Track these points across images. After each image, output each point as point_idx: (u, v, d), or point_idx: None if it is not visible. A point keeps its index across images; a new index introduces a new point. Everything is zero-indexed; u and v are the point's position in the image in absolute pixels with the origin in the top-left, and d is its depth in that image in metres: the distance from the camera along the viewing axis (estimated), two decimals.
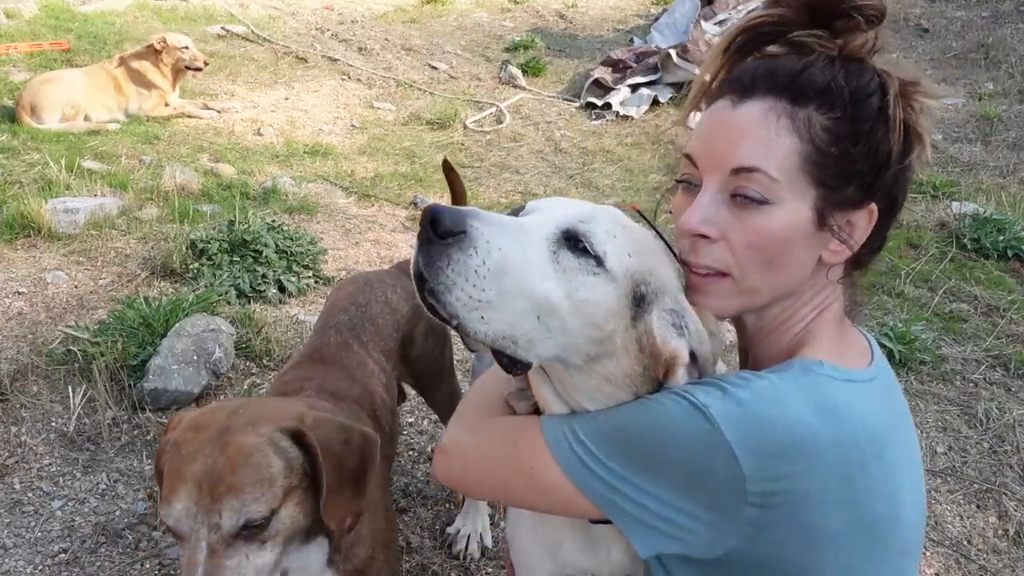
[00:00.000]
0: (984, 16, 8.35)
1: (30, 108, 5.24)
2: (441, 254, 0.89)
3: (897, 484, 0.96)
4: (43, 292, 3.24)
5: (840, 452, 0.90)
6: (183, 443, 1.15)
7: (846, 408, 0.93)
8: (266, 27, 7.97)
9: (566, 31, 9.13)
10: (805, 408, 0.90)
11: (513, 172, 5.57)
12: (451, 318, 0.90)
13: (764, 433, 0.89)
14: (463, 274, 0.88)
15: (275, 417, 1.20)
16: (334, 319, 1.83)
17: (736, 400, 0.91)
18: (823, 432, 0.90)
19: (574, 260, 0.95)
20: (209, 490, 1.10)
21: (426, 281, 0.91)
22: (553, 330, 0.93)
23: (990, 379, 3.11)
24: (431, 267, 0.89)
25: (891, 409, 1.03)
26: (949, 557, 2.26)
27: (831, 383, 0.95)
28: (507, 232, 0.91)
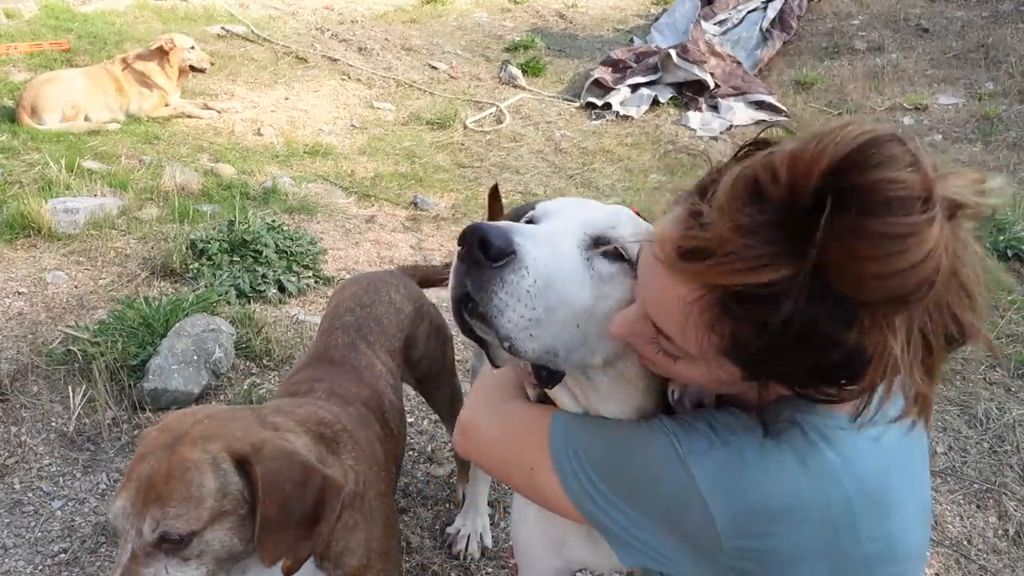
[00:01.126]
0: (984, 16, 8.35)
1: (30, 108, 5.24)
2: (494, 278, 0.86)
3: (893, 525, 0.93)
4: (43, 292, 3.24)
5: (828, 515, 0.88)
6: (145, 441, 1.17)
7: (839, 467, 0.89)
8: (266, 27, 7.97)
9: (566, 31, 9.13)
10: (793, 471, 0.88)
11: (513, 172, 5.57)
12: (503, 340, 0.89)
13: (745, 496, 0.88)
14: (516, 295, 0.87)
15: (229, 437, 1.17)
16: (340, 320, 1.83)
17: (720, 458, 0.90)
18: (810, 498, 0.88)
19: (609, 265, 0.96)
20: (143, 495, 1.10)
21: (470, 303, 0.89)
22: (589, 336, 0.94)
23: (990, 379, 3.11)
24: (483, 291, 0.87)
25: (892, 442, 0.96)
26: (949, 557, 2.26)
27: (829, 434, 0.91)
28: (546, 245, 0.90)
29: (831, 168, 0.72)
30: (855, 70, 7.39)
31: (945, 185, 0.76)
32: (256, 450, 1.17)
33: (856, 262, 0.72)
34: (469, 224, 0.87)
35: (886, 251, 0.71)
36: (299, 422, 1.35)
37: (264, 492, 1.14)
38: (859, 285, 0.73)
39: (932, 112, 6.60)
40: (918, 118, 6.51)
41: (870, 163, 0.72)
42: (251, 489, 1.15)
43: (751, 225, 0.76)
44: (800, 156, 0.74)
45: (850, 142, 0.73)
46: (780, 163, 0.75)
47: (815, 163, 0.73)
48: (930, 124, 6.41)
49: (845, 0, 9.05)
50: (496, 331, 0.88)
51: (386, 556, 1.45)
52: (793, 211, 0.75)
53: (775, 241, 0.75)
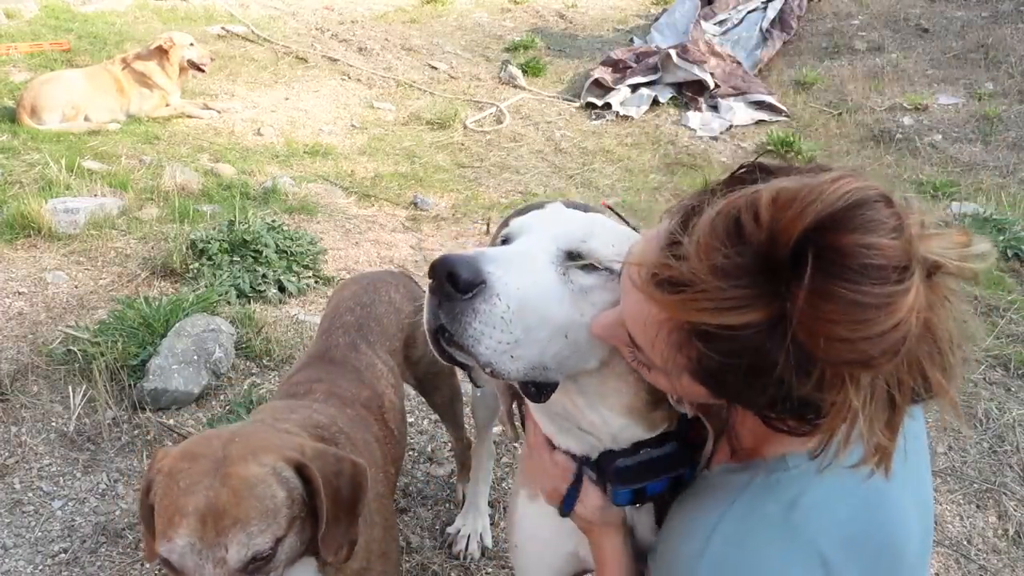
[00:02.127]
0: (984, 16, 8.35)
1: (31, 108, 5.24)
2: (466, 309, 0.88)
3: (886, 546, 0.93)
4: (43, 292, 3.24)
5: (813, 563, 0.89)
6: (179, 475, 1.10)
7: (816, 517, 0.91)
8: (266, 27, 7.97)
9: (566, 31, 9.13)
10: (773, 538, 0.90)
11: (513, 172, 5.57)
12: (484, 366, 0.91)
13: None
14: (491, 323, 0.88)
15: (275, 447, 1.17)
16: (340, 319, 1.83)
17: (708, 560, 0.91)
18: (793, 556, 0.89)
19: (586, 277, 0.97)
20: (213, 524, 1.06)
21: (446, 333, 0.91)
22: (580, 344, 0.96)
23: (990, 379, 3.10)
24: (457, 323, 0.89)
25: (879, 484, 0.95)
26: (949, 557, 2.26)
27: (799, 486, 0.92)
28: (518, 268, 0.92)
29: (814, 224, 0.72)
30: (855, 70, 7.39)
31: (928, 246, 0.75)
32: (304, 454, 1.18)
33: (823, 323, 0.72)
34: (438, 257, 0.88)
35: (854, 318, 0.71)
36: (300, 428, 1.36)
37: (324, 491, 1.16)
38: (824, 345, 0.73)
39: (932, 112, 6.59)
40: (918, 118, 6.51)
41: (852, 225, 0.72)
42: (308, 490, 1.17)
43: (727, 267, 0.76)
44: (786, 204, 0.74)
45: (836, 200, 0.72)
46: (765, 207, 0.75)
47: (799, 216, 0.73)
48: (930, 124, 6.41)
49: (845, 0, 9.05)
50: (476, 359, 0.90)
51: (386, 557, 1.45)
52: (770, 259, 0.74)
53: (748, 286, 0.75)
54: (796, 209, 0.73)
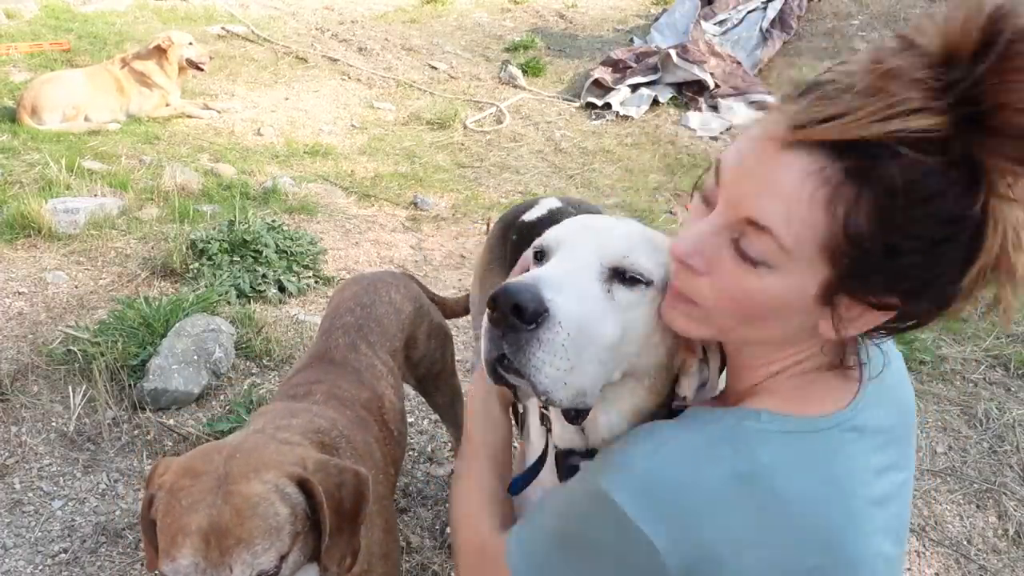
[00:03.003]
0: None
1: (31, 108, 5.24)
2: (531, 340, 0.88)
3: (843, 535, 0.89)
4: (43, 292, 3.24)
5: (754, 515, 0.87)
6: (180, 492, 1.09)
7: (775, 467, 0.88)
8: (266, 27, 7.97)
9: (566, 31, 9.13)
10: (721, 470, 0.88)
11: (513, 172, 5.57)
12: (540, 395, 0.90)
13: (669, 497, 0.88)
14: (552, 351, 0.88)
15: (278, 463, 1.17)
16: (340, 320, 1.83)
17: (639, 470, 0.91)
18: (735, 495, 0.87)
19: (629, 294, 0.97)
20: (217, 543, 1.05)
21: (504, 360, 0.91)
22: (613, 362, 0.96)
23: (990, 379, 3.11)
24: (521, 353, 0.89)
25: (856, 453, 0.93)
26: (949, 557, 2.26)
27: (763, 439, 0.90)
28: (570, 291, 0.91)
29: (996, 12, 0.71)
30: None
31: None
32: (305, 468, 1.18)
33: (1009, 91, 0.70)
34: (498, 287, 0.88)
35: None
36: (302, 434, 1.35)
37: (327, 504, 1.16)
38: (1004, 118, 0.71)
39: None
40: None
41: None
42: (311, 504, 1.16)
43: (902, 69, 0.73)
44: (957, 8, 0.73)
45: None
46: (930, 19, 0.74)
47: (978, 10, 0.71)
48: None
49: (845, 0, 9.05)
50: (534, 387, 0.90)
51: (386, 559, 1.45)
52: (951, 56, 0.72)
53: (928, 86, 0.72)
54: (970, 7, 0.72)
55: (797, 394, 0.95)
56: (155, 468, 1.17)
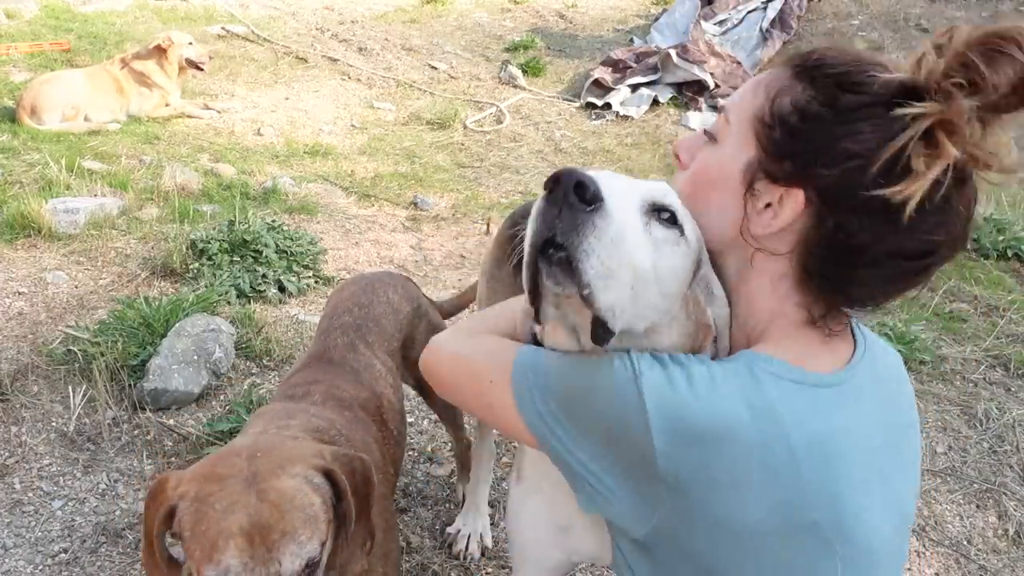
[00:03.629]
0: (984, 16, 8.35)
1: (30, 108, 5.24)
2: (587, 222, 0.87)
3: (844, 497, 0.92)
4: (43, 292, 3.24)
5: (764, 455, 0.88)
6: (210, 498, 1.09)
7: (782, 412, 0.90)
8: (266, 27, 7.97)
9: (566, 31, 9.13)
10: (737, 404, 0.90)
11: (513, 172, 5.57)
12: (583, 287, 0.89)
13: (684, 417, 0.90)
14: (603, 241, 0.88)
15: (302, 457, 1.19)
16: (339, 320, 1.83)
17: (670, 379, 0.92)
18: (748, 431, 0.89)
19: (663, 231, 0.98)
20: (262, 540, 1.06)
21: (553, 246, 0.89)
22: (639, 299, 0.94)
23: (990, 379, 3.11)
24: (574, 232, 0.87)
25: (855, 418, 0.97)
26: (949, 557, 2.26)
27: (774, 382, 0.93)
28: (618, 202, 0.92)
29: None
30: None
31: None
32: (325, 459, 1.21)
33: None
34: (559, 169, 0.89)
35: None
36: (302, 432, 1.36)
37: (350, 492, 1.19)
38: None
39: None
40: None
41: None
42: (334, 493, 1.19)
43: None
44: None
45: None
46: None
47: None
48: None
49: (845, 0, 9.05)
50: (580, 276, 0.88)
51: (387, 558, 1.46)
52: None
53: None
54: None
55: (801, 346, 0.99)
56: (163, 483, 1.15)
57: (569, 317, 1.00)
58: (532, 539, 1.32)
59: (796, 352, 0.98)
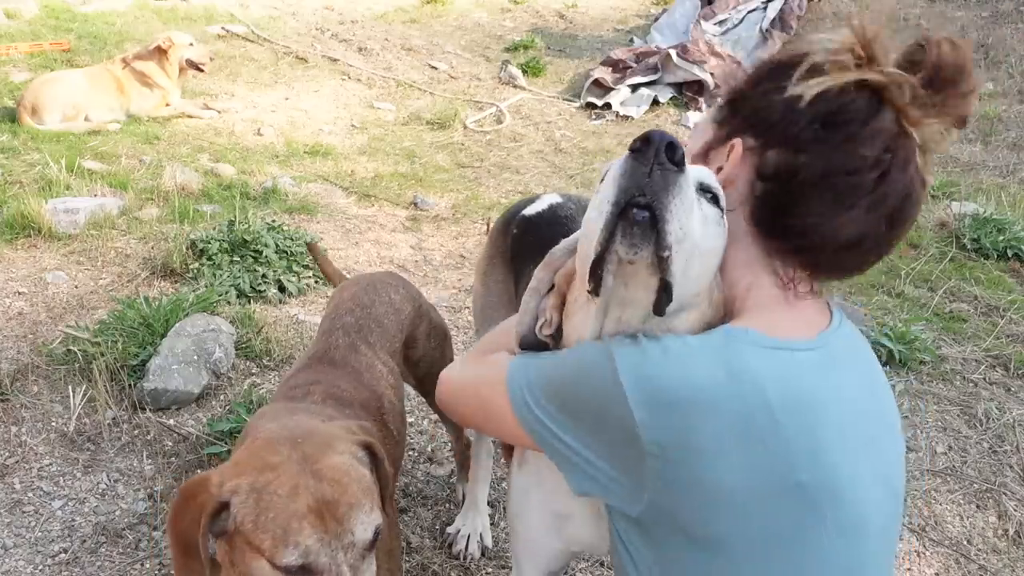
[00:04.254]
0: (984, 16, 8.35)
1: (31, 108, 5.24)
2: (675, 182, 0.88)
3: (829, 457, 0.93)
4: (43, 292, 3.24)
5: (744, 415, 0.90)
6: (269, 487, 1.10)
7: (760, 373, 0.92)
8: (266, 27, 7.97)
9: (566, 31, 9.13)
10: (713, 369, 0.92)
11: (513, 172, 5.57)
12: (663, 249, 0.89)
13: (660, 385, 0.91)
14: (683, 205, 0.89)
15: (343, 435, 1.23)
16: (340, 320, 1.83)
17: (643, 351, 0.94)
18: (725, 392, 0.90)
19: (711, 209, 0.99)
20: (332, 515, 1.09)
21: (636, 206, 0.89)
22: (688, 273, 0.95)
23: (990, 379, 3.11)
24: (665, 192, 0.88)
25: (834, 384, 0.99)
26: (949, 557, 2.26)
27: (751, 350, 0.95)
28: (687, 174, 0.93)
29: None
30: None
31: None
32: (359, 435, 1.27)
33: None
34: (648, 130, 0.90)
35: None
36: None
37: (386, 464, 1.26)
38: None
39: None
40: None
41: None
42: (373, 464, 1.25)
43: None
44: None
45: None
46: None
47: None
48: None
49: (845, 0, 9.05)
50: (664, 237, 0.88)
51: (391, 555, 1.47)
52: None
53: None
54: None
55: (776, 316, 1.03)
56: (203, 482, 1.13)
57: (618, 291, 0.97)
58: (534, 526, 1.33)
59: (771, 322, 1.00)
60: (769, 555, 0.93)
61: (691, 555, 0.96)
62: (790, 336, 0.99)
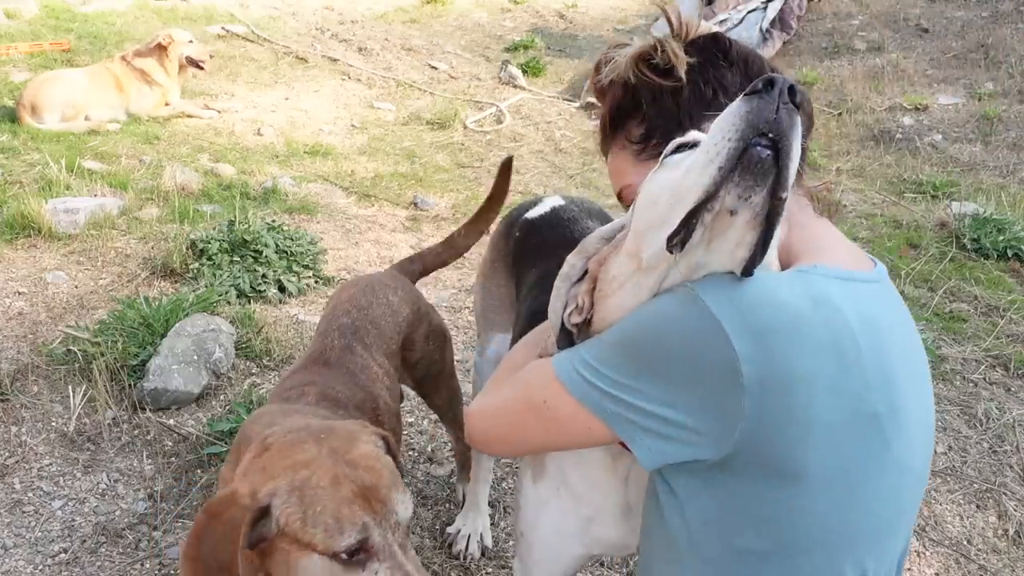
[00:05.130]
0: (984, 16, 8.35)
1: (31, 108, 5.24)
2: (796, 123, 0.87)
3: (898, 384, 0.97)
4: (43, 292, 3.24)
5: (833, 338, 0.91)
6: (309, 482, 1.11)
7: (840, 299, 0.94)
8: (266, 27, 7.97)
9: (566, 31, 9.13)
10: (798, 296, 0.92)
11: (513, 172, 5.55)
12: (781, 187, 0.87)
13: (755, 312, 0.90)
14: (797, 149, 0.87)
15: (360, 430, 1.27)
16: (336, 322, 1.83)
17: (726, 285, 0.93)
18: (815, 316, 0.91)
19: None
20: (375, 497, 1.13)
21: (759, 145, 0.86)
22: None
23: (990, 379, 3.11)
24: (792, 130, 0.86)
25: (894, 311, 1.05)
26: (949, 557, 2.26)
27: (826, 280, 0.96)
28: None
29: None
30: (855, 70, 7.39)
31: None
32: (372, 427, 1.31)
33: None
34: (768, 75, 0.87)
35: None
36: None
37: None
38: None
39: (932, 112, 6.60)
40: (918, 118, 6.51)
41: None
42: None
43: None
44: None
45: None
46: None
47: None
48: (930, 124, 6.41)
49: (845, 0, 9.06)
50: (784, 178, 0.86)
51: None
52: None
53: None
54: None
55: (836, 251, 1.07)
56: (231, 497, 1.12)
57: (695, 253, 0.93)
58: (555, 534, 1.31)
59: (832, 256, 1.04)
60: (844, 485, 0.94)
61: (767, 491, 0.94)
62: (853, 268, 1.03)
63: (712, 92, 1.14)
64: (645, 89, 1.16)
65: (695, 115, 1.13)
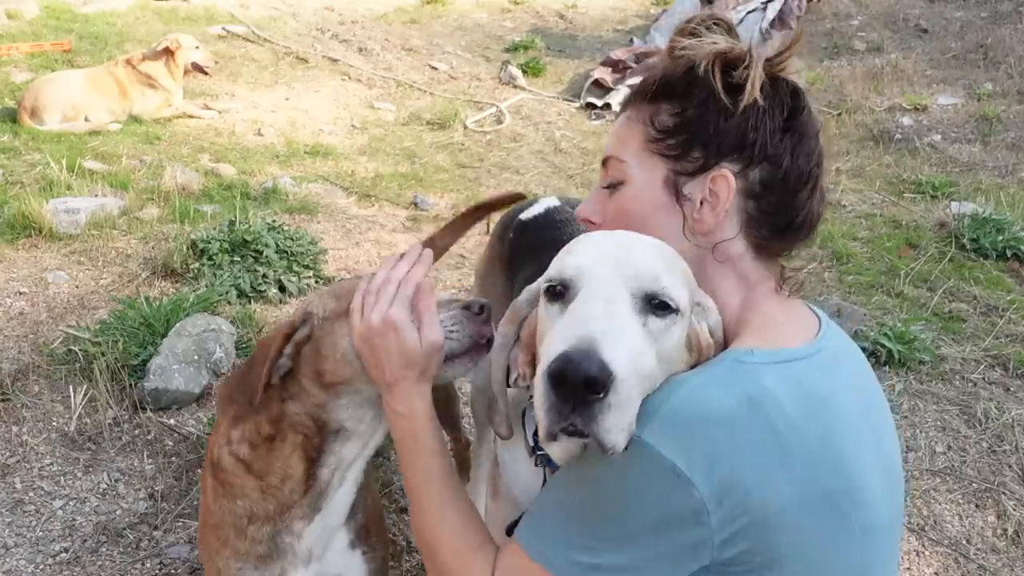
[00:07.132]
0: (983, 16, 8.36)
1: (31, 109, 5.25)
2: (603, 408, 0.85)
3: (850, 457, 0.96)
4: (44, 292, 3.24)
5: (772, 436, 0.91)
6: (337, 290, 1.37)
7: (777, 388, 0.93)
8: (267, 27, 7.98)
9: (566, 31, 9.14)
10: (733, 400, 0.92)
11: (513, 172, 5.57)
12: (607, 450, 0.87)
13: (693, 429, 0.90)
14: (621, 411, 0.86)
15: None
16: None
17: (662, 416, 0.91)
18: (753, 418, 0.91)
19: (660, 322, 0.95)
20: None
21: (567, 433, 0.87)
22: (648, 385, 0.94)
23: (989, 379, 3.11)
24: (594, 423, 0.85)
25: (840, 382, 1.03)
26: (948, 556, 2.27)
27: (762, 370, 0.95)
28: (617, 337, 0.89)
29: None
30: (855, 70, 7.39)
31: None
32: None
33: None
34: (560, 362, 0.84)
35: None
36: None
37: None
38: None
39: (931, 112, 6.60)
40: (917, 118, 6.51)
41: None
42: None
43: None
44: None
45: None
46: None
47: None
48: (929, 124, 6.41)
49: (845, 0, 9.06)
50: (602, 446, 0.87)
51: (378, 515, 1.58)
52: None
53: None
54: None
55: (772, 327, 1.05)
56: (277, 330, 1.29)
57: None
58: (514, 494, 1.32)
59: (773, 335, 1.03)
60: (813, 564, 0.96)
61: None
62: (792, 345, 1.02)
63: (751, 143, 1.06)
64: (702, 87, 1.07)
65: (722, 148, 1.07)
